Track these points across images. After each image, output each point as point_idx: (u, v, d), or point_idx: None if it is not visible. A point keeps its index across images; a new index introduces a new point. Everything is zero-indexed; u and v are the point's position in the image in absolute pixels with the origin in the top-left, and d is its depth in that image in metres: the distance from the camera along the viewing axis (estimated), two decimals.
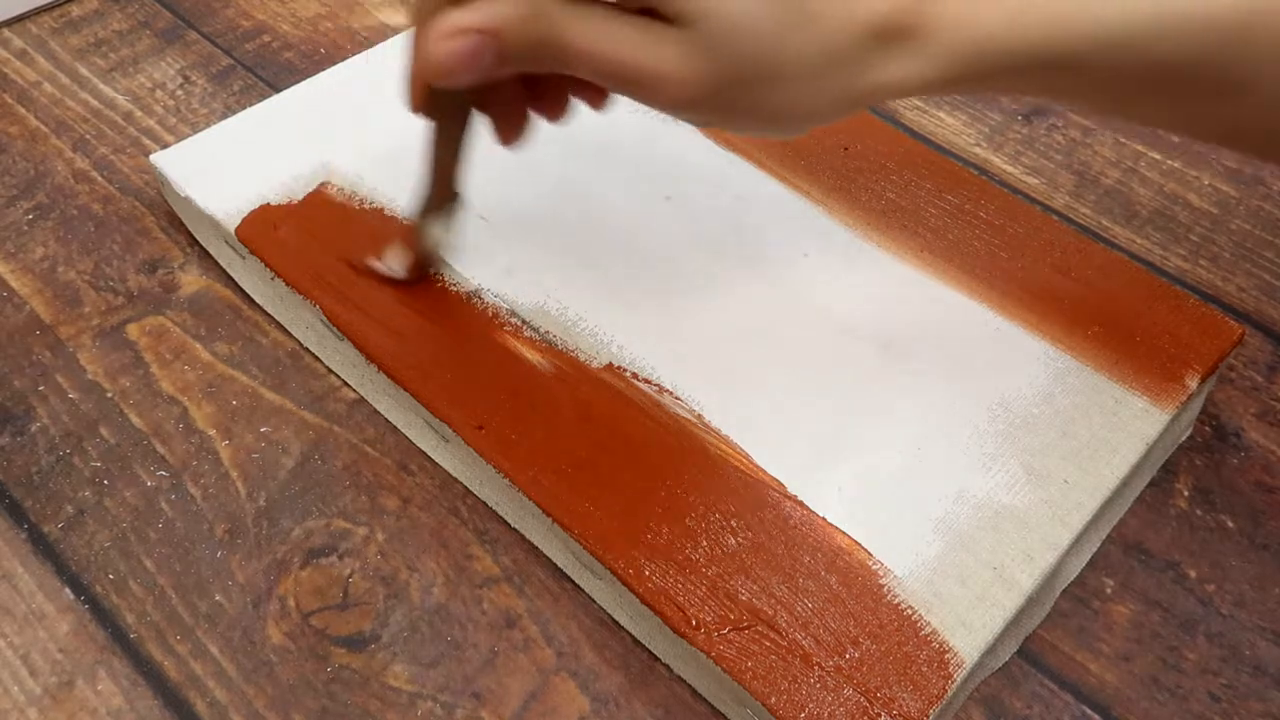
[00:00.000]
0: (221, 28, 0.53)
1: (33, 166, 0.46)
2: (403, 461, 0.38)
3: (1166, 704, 0.33)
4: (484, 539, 0.36)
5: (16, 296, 0.42)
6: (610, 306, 0.39)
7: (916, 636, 0.32)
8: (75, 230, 0.44)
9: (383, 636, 0.34)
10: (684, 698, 0.33)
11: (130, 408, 0.39)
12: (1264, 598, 0.36)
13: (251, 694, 0.33)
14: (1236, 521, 0.38)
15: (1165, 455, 0.39)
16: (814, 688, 0.31)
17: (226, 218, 0.41)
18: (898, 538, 0.34)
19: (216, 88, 0.50)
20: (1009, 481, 0.35)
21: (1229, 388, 0.41)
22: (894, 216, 0.42)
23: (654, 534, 0.33)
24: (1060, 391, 0.37)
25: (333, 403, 0.39)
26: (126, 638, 0.34)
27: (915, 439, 0.36)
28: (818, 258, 0.41)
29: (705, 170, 0.44)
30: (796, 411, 0.37)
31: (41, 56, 0.51)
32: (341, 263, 0.40)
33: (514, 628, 0.34)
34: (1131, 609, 0.35)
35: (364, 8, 0.54)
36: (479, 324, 0.38)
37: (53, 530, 0.36)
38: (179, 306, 0.42)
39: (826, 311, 0.39)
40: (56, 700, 0.32)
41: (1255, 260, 0.46)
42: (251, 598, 0.34)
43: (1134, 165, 0.49)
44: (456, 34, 0.30)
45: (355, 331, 0.38)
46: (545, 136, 0.45)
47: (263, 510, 0.36)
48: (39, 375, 0.39)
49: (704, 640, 0.31)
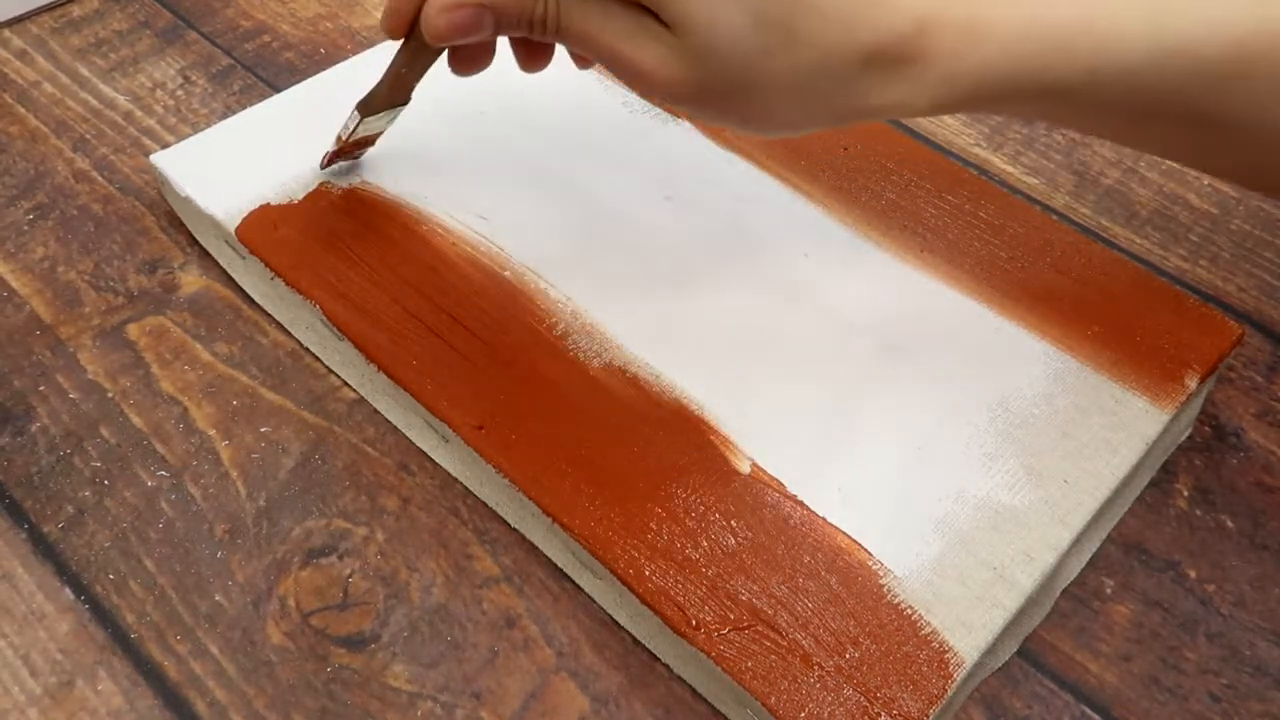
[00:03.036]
0: (221, 28, 0.53)
1: (33, 166, 0.46)
2: (403, 461, 0.38)
3: (1167, 704, 0.33)
4: (484, 539, 0.36)
5: (16, 296, 0.42)
6: (610, 306, 0.39)
7: (916, 636, 0.32)
8: (75, 230, 0.44)
9: (383, 636, 0.34)
10: (684, 698, 0.33)
11: (130, 408, 0.39)
12: (1264, 598, 0.36)
13: (251, 694, 0.33)
14: (1236, 521, 0.38)
15: (1165, 455, 0.39)
16: (814, 688, 0.31)
17: (226, 218, 0.41)
18: (898, 538, 0.34)
19: (216, 88, 0.50)
20: (1009, 481, 0.35)
21: (1229, 388, 0.41)
22: (894, 216, 0.42)
23: (654, 534, 0.33)
24: (1060, 391, 0.37)
25: (333, 403, 0.39)
26: (126, 638, 0.34)
27: (915, 439, 0.36)
28: (818, 258, 0.41)
29: (705, 170, 0.44)
30: (796, 411, 0.37)
31: (41, 56, 0.51)
32: (337, 259, 0.40)
33: (514, 628, 0.34)
34: (1131, 609, 0.35)
35: (364, 8, 0.54)
36: (479, 326, 0.38)
37: (53, 530, 0.36)
38: (179, 306, 0.42)
39: (826, 311, 0.39)
40: (56, 700, 0.32)
41: (1255, 260, 0.46)
42: (251, 598, 0.34)
43: (1134, 165, 0.49)
44: (457, 6, 0.31)
45: (355, 331, 0.38)
46: (545, 138, 0.45)
47: (263, 510, 0.36)
48: (39, 375, 0.39)
49: (704, 640, 0.31)
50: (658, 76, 0.31)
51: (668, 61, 0.30)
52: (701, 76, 0.30)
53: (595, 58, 0.32)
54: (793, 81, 0.30)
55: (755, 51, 0.30)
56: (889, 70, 0.30)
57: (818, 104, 0.31)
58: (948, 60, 0.31)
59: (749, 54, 0.30)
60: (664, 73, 0.30)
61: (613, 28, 0.31)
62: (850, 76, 0.30)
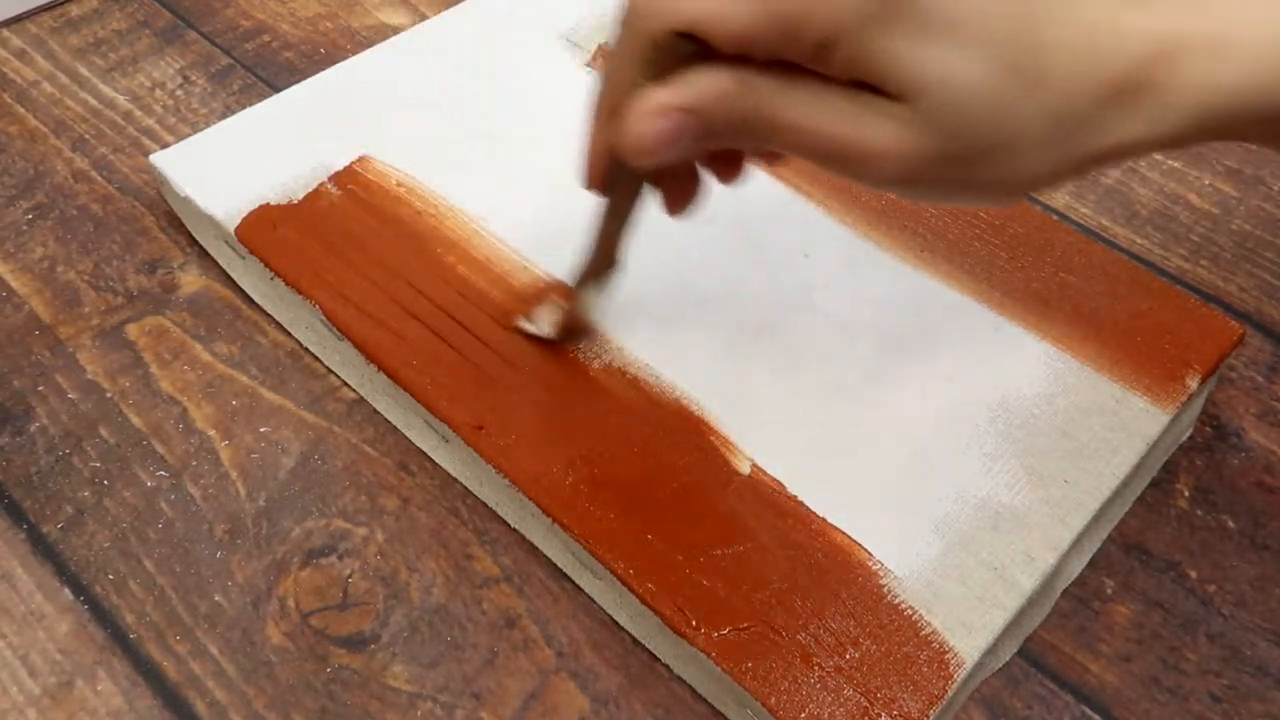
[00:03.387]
0: (221, 27, 0.53)
1: (32, 166, 0.46)
2: (403, 461, 0.38)
3: (1167, 704, 0.33)
4: (484, 539, 0.36)
5: (16, 296, 0.42)
6: (610, 307, 0.39)
7: (916, 636, 0.32)
8: (75, 230, 0.44)
9: (382, 637, 0.34)
10: (684, 698, 0.33)
11: (130, 408, 0.39)
12: (1265, 598, 0.36)
13: (251, 694, 0.33)
14: (1237, 522, 0.38)
15: (1165, 455, 0.39)
16: (814, 688, 0.31)
17: (226, 218, 0.41)
18: (898, 538, 0.34)
19: (216, 87, 0.50)
20: (1009, 481, 0.35)
21: (1229, 388, 0.41)
22: (894, 216, 0.42)
23: (654, 534, 0.33)
24: (1060, 391, 0.37)
25: (333, 403, 0.39)
26: (126, 638, 0.34)
27: (915, 439, 0.36)
28: (818, 258, 0.41)
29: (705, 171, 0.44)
30: (796, 411, 0.37)
31: (41, 56, 0.51)
32: (337, 259, 0.40)
33: (514, 628, 0.34)
34: (1132, 609, 0.35)
35: (364, 7, 0.54)
36: (479, 326, 0.38)
37: (52, 530, 0.36)
38: (179, 306, 0.42)
39: (826, 311, 0.39)
40: (56, 701, 0.32)
41: (1255, 260, 0.46)
42: (251, 598, 0.34)
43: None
44: (660, 114, 0.27)
45: (355, 331, 0.38)
46: (546, 138, 0.45)
47: (262, 510, 0.36)
48: (38, 375, 0.39)
49: (704, 640, 0.31)
50: (892, 156, 0.27)
51: (902, 137, 0.27)
52: (943, 144, 0.27)
53: (811, 153, 0.28)
54: (1043, 127, 0.27)
55: (1002, 101, 0.26)
56: (1130, 102, 0.27)
57: (1065, 150, 0.28)
58: (1192, 90, 0.27)
59: (996, 105, 0.26)
60: (899, 149, 0.27)
61: (832, 114, 0.27)
62: (1095, 114, 0.27)
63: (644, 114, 0.28)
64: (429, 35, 0.49)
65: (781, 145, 0.28)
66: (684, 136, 0.28)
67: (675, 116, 0.27)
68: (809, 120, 0.27)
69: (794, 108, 0.27)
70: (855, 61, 0.26)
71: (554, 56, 0.48)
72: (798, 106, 0.27)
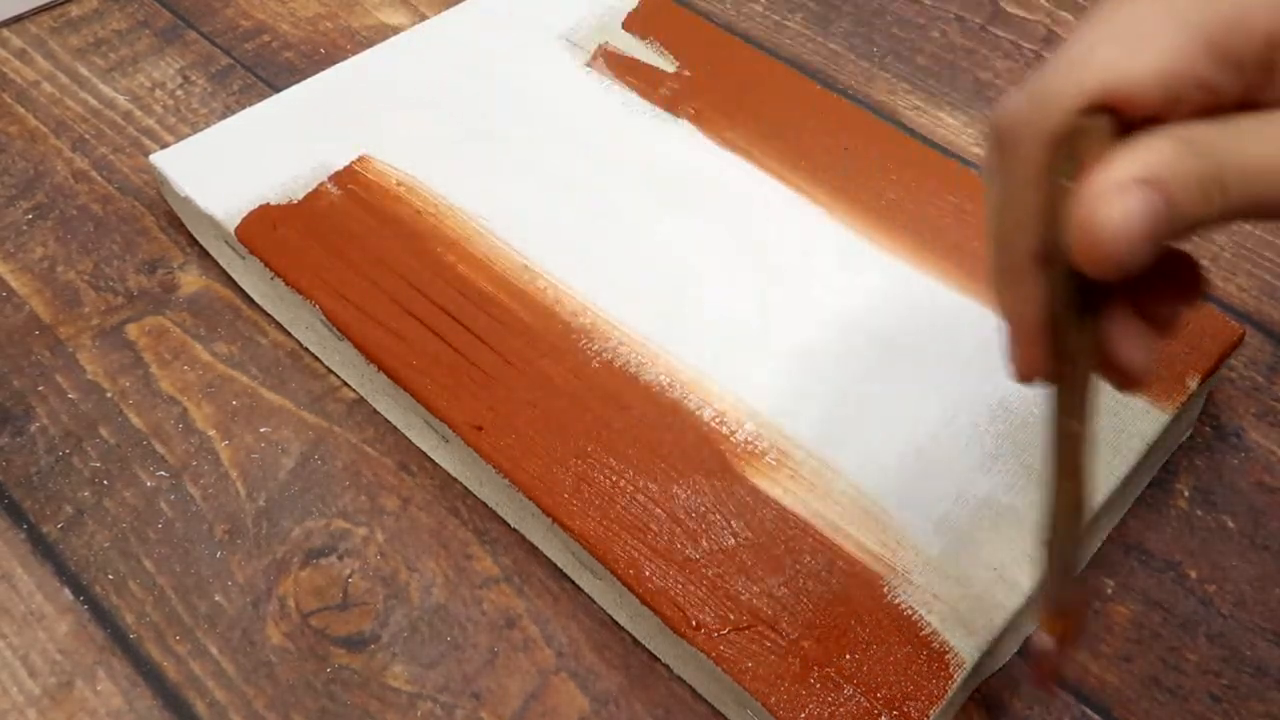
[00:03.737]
0: (221, 27, 0.53)
1: (32, 166, 0.46)
2: (403, 461, 0.38)
3: (1167, 704, 0.33)
4: (484, 539, 0.36)
5: (16, 296, 0.42)
6: (610, 306, 0.39)
7: (916, 636, 0.32)
8: (75, 230, 0.44)
9: (382, 637, 0.34)
10: (684, 698, 0.33)
11: (130, 408, 0.39)
12: (1264, 598, 0.36)
13: (251, 694, 0.33)
14: (1237, 522, 0.38)
15: (1165, 455, 0.39)
16: (814, 688, 0.31)
17: (226, 218, 0.41)
18: (898, 538, 0.34)
19: (216, 87, 0.50)
20: (1009, 481, 0.35)
21: (1229, 388, 0.41)
22: (894, 216, 0.42)
23: (654, 534, 0.33)
24: None
25: (333, 403, 0.39)
26: (126, 638, 0.34)
27: (915, 439, 0.36)
28: (818, 258, 0.41)
29: (706, 171, 0.44)
30: (797, 412, 0.37)
31: (41, 56, 0.51)
32: (337, 259, 0.40)
33: (514, 628, 0.34)
34: (1132, 609, 0.35)
35: (364, 7, 0.54)
36: (479, 326, 0.38)
37: (52, 531, 0.36)
38: (179, 306, 0.42)
39: (827, 311, 0.39)
40: (56, 701, 0.32)
41: (1255, 260, 0.46)
42: (251, 598, 0.34)
43: None
44: (1123, 190, 0.21)
45: (355, 331, 0.38)
46: (546, 138, 0.45)
47: (262, 510, 0.36)
48: (38, 375, 0.39)
49: (704, 640, 0.31)
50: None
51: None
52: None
53: (1269, 208, 0.22)
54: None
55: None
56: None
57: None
58: None
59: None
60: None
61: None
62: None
63: (1105, 194, 0.21)
64: (429, 35, 0.49)
65: (1243, 206, 0.22)
66: (1156, 219, 0.21)
67: (1140, 192, 0.21)
68: (1265, 166, 0.22)
69: (1258, 145, 0.22)
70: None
71: (554, 56, 0.48)
72: (1263, 144, 0.22)
